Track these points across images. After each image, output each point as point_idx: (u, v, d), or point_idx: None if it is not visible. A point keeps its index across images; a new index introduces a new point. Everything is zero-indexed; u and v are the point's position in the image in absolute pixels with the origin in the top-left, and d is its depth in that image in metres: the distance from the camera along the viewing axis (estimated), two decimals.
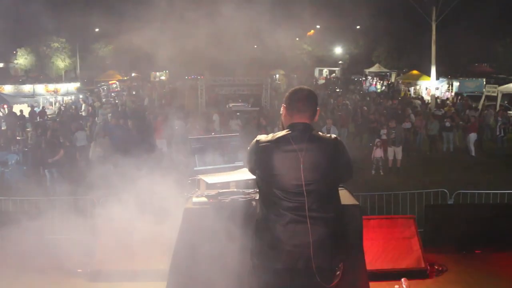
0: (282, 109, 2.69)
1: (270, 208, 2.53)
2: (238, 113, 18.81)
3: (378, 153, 13.23)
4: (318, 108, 2.67)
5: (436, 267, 4.61)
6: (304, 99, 2.62)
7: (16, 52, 43.34)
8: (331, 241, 2.52)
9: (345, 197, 3.39)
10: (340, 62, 51.12)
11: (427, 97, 29.15)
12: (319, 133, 2.64)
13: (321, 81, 43.43)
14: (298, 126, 2.57)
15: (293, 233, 2.47)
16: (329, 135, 2.66)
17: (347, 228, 2.88)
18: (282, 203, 2.49)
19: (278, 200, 2.50)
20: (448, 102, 22.53)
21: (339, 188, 3.49)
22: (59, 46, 44.98)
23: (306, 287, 2.51)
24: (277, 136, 2.57)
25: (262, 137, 2.61)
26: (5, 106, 21.95)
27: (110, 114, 19.51)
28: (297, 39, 51.23)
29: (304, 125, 2.57)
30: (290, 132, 2.56)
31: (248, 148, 2.66)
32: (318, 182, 2.50)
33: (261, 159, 2.55)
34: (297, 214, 2.47)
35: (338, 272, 2.56)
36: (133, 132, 14.86)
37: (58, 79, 34.45)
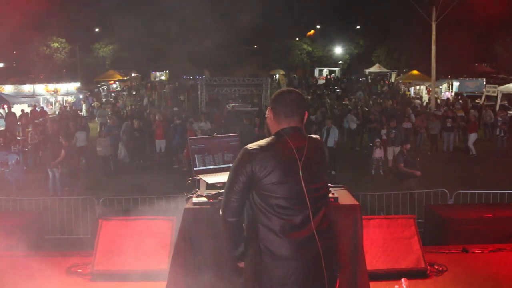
0: (267, 112, 2.52)
1: (272, 228, 2.33)
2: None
3: (378, 153, 13.23)
4: (306, 112, 2.53)
5: (436, 267, 4.60)
6: (292, 103, 2.45)
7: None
8: (335, 247, 2.48)
9: (345, 197, 3.39)
10: (340, 62, 51.10)
11: (426, 97, 29.18)
12: (309, 135, 2.52)
13: (321, 81, 43.41)
14: (288, 130, 2.43)
15: (302, 247, 2.33)
16: (315, 136, 2.56)
17: (342, 230, 2.87)
18: (284, 214, 2.33)
19: (280, 212, 2.33)
20: (457, 105, 22.35)
21: (339, 189, 3.51)
22: (59, 46, 45.00)
23: None
24: (271, 141, 2.41)
25: (254, 145, 2.41)
26: (5, 106, 21.96)
27: (110, 114, 19.55)
28: (297, 39, 51.35)
29: (294, 129, 2.44)
30: (282, 136, 2.41)
31: (237, 158, 2.44)
32: (316, 189, 2.41)
33: (256, 170, 2.33)
34: (303, 225, 2.34)
35: (337, 274, 2.53)
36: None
37: (58, 79, 34.41)
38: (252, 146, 2.41)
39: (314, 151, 2.44)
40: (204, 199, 3.20)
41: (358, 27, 51.73)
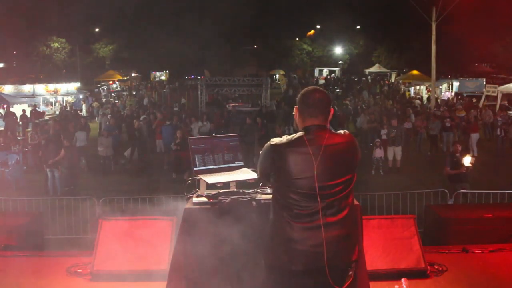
0: (294, 110, 2.67)
1: (284, 211, 2.51)
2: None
3: (378, 153, 13.24)
4: (331, 108, 2.63)
5: (436, 267, 4.60)
6: (316, 104, 2.57)
7: None
8: (345, 242, 2.51)
9: None
10: (340, 62, 51.11)
11: (426, 97, 29.19)
12: (335, 132, 2.61)
13: (321, 81, 43.42)
14: (311, 128, 2.55)
15: (307, 234, 2.46)
16: (343, 132, 2.62)
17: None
18: (296, 205, 2.48)
19: (292, 202, 2.49)
20: (458, 105, 22.31)
21: None
22: (59, 46, 45.01)
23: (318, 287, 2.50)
24: (292, 138, 2.55)
25: (277, 140, 2.59)
26: (5, 106, 21.97)
27: (109, 115, 19.55)
28: (297, 39, 51.37)
29: (317, 127, 2.55)
30: (304, 134, 2.54)
31: (262, 151, 2.64)
32: (332, 186, 2.48)
33: (276, 162, 2.53)
34: (311, 217, 2.46)
35: (350, 272, 2.55)
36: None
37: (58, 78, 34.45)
38: (275, 140, 2.59)
39: (333, 149, 2.51)
40: (204, 199, 3.20)
41: (358, 27, 51.74)
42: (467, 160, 9.06)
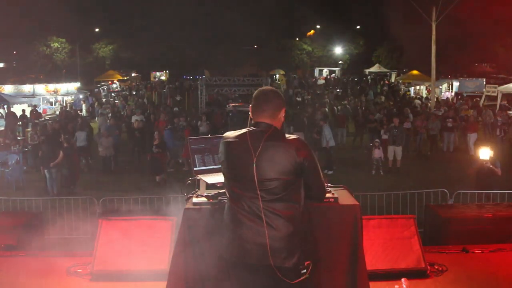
0: (249, 109, 2.78)
1: (232, 204, 2.63)
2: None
3: (378, 153, 13.24)
4: (283, 108, 2.71)
5: (436, 267, 4.60)
6: (264, 99, 2.69)
7: None
8: (291, 240, 2.53)
9: (345, 197, 3.39)
10: (340, 62, 51.10)
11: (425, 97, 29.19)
12: (281, 133, 2.67)
13: (321, 81, 43.40)
14: (258, 124, 2.66)
15: (251, 229, 2.55)
16: (290, 135, 2.68)
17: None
18: (240, 198, 2.59)
19: (237, 196, 2.61)
20: (465, 106, 22.20)
21: (339, 188, 3.51)
22: (59, 46, 45.01)
23: (270, 283, 2.55)
24: (238, 133, 2.68)
25: (228, 133, 2.73)
26: (5, 106, 21.96)
27: (110, 115, 19.55)
28: (297, 39, 51.36)
29: (264, 124, 2.64)
30: (250, 129, 2.66)
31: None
32: (272, 181, 2.53)
33: (223, 154, 2.67)
34: (253, 211, 2.54)
35: (304, 271, 2.54)
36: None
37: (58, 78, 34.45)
38: (227, 134, 2.74)
39: (274, 145, 2.58)
40: (204, 199, 3.20)
41: (358, 27, 51.72)
42: (483, 153, 8.76)
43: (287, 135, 2.66)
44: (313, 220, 2.90)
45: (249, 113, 2.75)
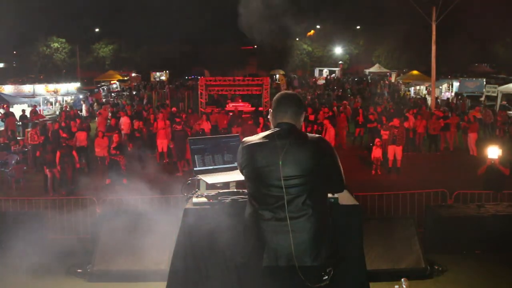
0: (269, 112, 2.83)
1: (255, 205, 2.64)
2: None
3: (378, 153, 13.23)
4: (304, 112, 2.79)
5: (436, 267, 4.61)
6: (287, 102, 2.75)
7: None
8: (315, 240, 2.54)
9: (345, 197, 3.39)
10: (340, 62, 51.10)
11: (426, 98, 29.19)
12: (305, 132, 2.73)
13: (321, 81, 43.40)
14: (282, 125, 2.70)
15: (275, 230, 2.56)
16: (313, 134, 2.74)
17: (342, 230, 2.86)
18: (264, 199, 2.60)
19: (261, 197, 2.62)
20: (471, 109, 22.19)
21: None
22: (59, 46, 45.02)
23: (290, 286, 2.54)
24: (261, 134, 2.72)
25: (248, 138, 2.76)
26: (5, 106, 21.96)
27: (110, 115, 19.53)
28: (297, 39, 51.33)
29: (287, 124, 2.70)
30: (274, 130, 2.71)
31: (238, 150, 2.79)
32: (297, 178, 2.56)
33: (246, 157, 2.68)
34: (277, 210, 2.56)
35: (325, 277, 2.55)
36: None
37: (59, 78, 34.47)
38: (247, 138, 2.77)
39: (299, 144, 2.62)
40: (204, 199, 3.20)
41: (358, 27, 51.71)
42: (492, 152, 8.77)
43: (309, 135, 2.71)
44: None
45: (269, 117, 2.81)
